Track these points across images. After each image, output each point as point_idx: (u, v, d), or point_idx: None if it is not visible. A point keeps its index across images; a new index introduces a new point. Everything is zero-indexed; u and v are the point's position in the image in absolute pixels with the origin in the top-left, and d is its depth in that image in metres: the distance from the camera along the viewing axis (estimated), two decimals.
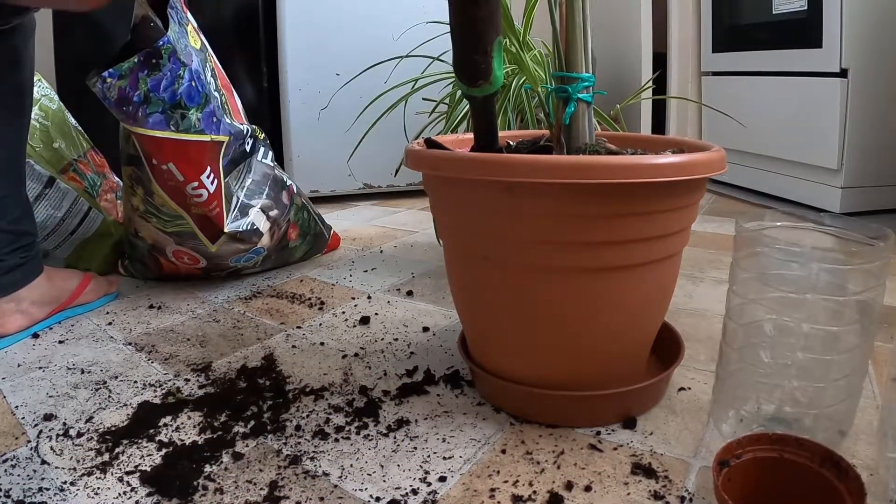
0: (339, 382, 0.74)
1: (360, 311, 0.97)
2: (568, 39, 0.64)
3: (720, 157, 0.57)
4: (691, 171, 0.53)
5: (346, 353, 0.83)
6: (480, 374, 0.68)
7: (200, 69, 0.89)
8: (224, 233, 0.98)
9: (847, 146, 1.42)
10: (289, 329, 0.91)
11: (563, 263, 0.55)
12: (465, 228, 0.61)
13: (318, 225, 1.23)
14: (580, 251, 0.55)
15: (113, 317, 0.97)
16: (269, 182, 1.08)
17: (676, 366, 0.67)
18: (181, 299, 1.04)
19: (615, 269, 0.56)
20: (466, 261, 0.63)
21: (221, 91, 1.01)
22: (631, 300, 0.59)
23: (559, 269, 0.56)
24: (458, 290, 0.68)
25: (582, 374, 0.62)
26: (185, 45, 0.86)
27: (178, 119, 0.86)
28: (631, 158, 0.50)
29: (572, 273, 0.56)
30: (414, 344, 0.85)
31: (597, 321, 0.59)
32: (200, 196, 0.92)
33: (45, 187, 1.09)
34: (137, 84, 0.80)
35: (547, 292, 0.57)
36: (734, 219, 1.58)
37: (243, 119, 1.11)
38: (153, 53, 0.80)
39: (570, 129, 0.65)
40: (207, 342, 0.87)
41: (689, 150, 0.65)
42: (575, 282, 0.56)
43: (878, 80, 1.40)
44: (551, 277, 0.57)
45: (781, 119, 1.61)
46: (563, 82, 0.65)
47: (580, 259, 0.55)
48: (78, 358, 0.82)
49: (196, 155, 0.90)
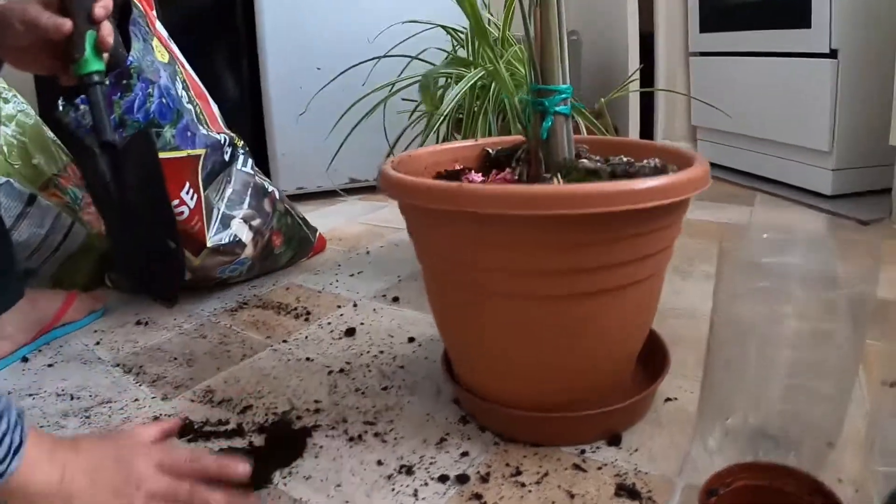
0: (326, 406, 0.74)
1: (346, 321, 0.97)
2: (544, 50, 0.62)
3: (703, 175, 0.56)
4: (672, 194, 0.52)
5: (332, 368, 0.82)
6: (464, 394, 0.67)
7: (170, 84, 0.87)
8: (206, 247, 0.97)
9: (838, 128, 1.40)
10: (275, 343, 0.90)
11: (540, 291, 0.55)
12: (439, 255, 0.60)
13: (303, 229, 1.22)
14: (557, 278, 0.54)
15: (101, 335, 0.96)
16: (249, 191, 1.07)
17: (661, 381, 0.66)
18: (168, 313, 1.03)
19: (595, 294, 0.55)
20: (444, 285, 0.62)
21: (195, 102, 0.99)
22: (612, 322, 0.58)
23: (536, 297, 0.55)
24: (437, 311, 0.67)
25: (565, 394, 0.62)
26: (150, 61, 0.84)
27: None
28: (607, 187, 0.49)
29: (550, 299, 0.55)
30: (400, 356, 0.84)
31: (578, 344, 0.58)
32: (182, 214, 0.91)
33: (26, 206, 1.07)
34: (112, 108, 0.78)
35: (525, 318, 0.57)
36: (725, 204, 1.58)
37: (221, 126, 1.09)
38: (123, 74, 0.78)
39: (548, 143, 0.63)
40: (195, 361, 0.87)
41: (671, 160, 0.64)
42: (553, 308, 0.56)
43: (869, 62, 1.37)
44: (528, 304, 0.56)
45: (771, 100, 1.59)
46: (539, 95, 0.63)
47: (557, 286, 0.54)
48: (67, 383, 0.82)
49: (174, 172, 0.88)
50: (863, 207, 1.39)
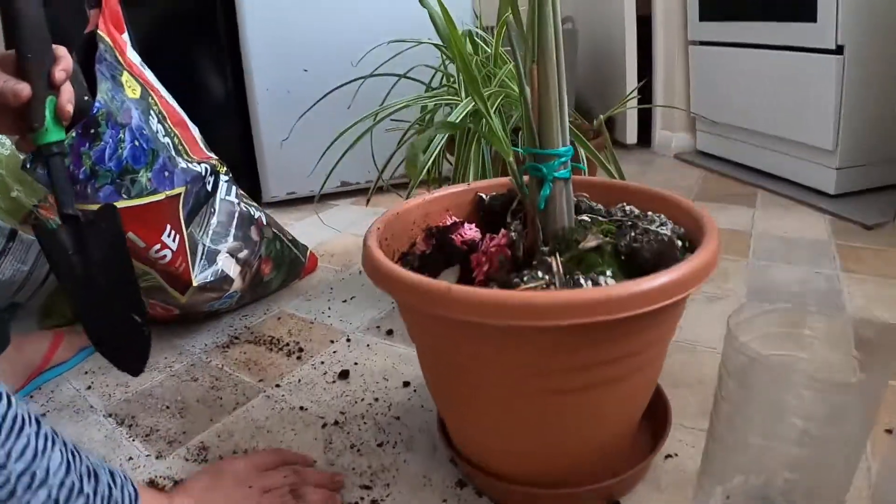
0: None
1: (340, 359, 0.94)
2: (542, 110, 0.58)
3: (712, 258, 0.52)
4: (684, 288, 0.48)
5: (326, 420, 0.80)
6: (462, 463, 0.65)
7: (142, 122, 0.83)
8: (192, 286, 0.94)
9: (843, 127, 1.36)
10: (268, 388, 0.88)
11: (531, 386, 0.52)
12: (427, 342, 0.57)
13: (293, 251, 1.18)
14: (548, 376, 0.51)
15: (91, 378, 0.94)
16: (235, 221, 1.03)
17: (661, 448, 0.64)
18: (158, 350, 1.01)
19: (591, 387, 0.53)
20: (436, 364, 0.60)
21: (172, 132, 0.94)
22: (613, 408, 0.56)
23: (526, 392, 0.53)
24: (430, 381, 0.65)
25: (563, 470, 0.60)
26: (120, 101, 0.79)
27: (128, 185, 0.80)
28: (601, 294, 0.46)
29: (542, 393, 0.53)
30: (395, 405, 0.82)
31: (577, 430, 0.56)
32: (164, 257, 0.87)
33: (7, 241, 1.04)
34: (81, 160, 0.74)
35: (523, 408, 0.54)
36: (726, 205, 1.54)
37: (203, 151, 1.05)
38: (90, 123, 0.74)
39: (547, 211, 0.59)
40: (187, 410, 0.85)
41: (678, 216, 0.61)
42: (552, 400, 0.53)
43: (876, 59, 1.32)
44: (526, 397, 0.53)
45: (774, 95, 1.53)
46: (536, 160, 0.59)
47: (549, 382, 0.52)
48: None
49: (154, 217, 0.84)
50: (867, 209, 1.36)
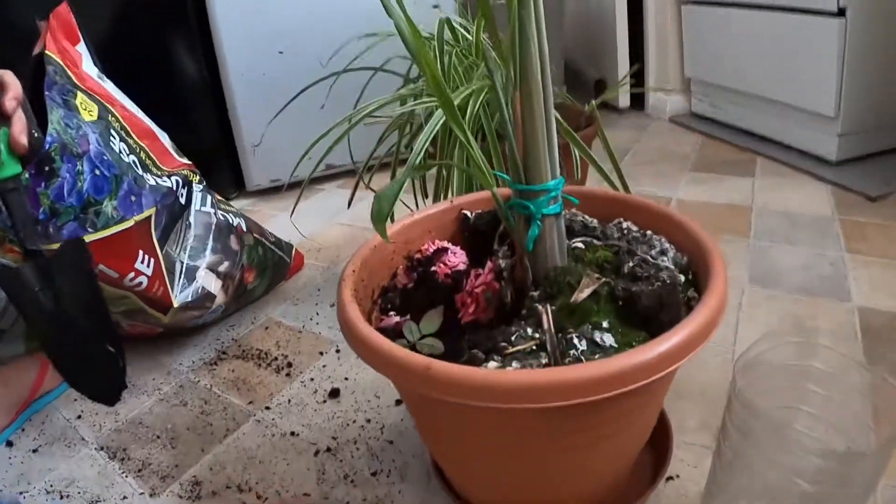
0: (316, 499, 0.70)
1: (329, 374, 0.92)
2: (527, 141, 0.53)
3: (718, 308, 0.48)
4: (686, 352, 0.45)
5: (319, 447, 0.79)
6: (456, 502, 0.64)
7: (102, 147, 0.77)
8: (173, 307, 0.90)
9: (844, 94, 1.30)
10: (258, 412, 0.86)
11: (523, 445, 0.50)
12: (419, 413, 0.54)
13: (276, 253, 1.14)
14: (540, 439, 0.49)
15: (81, 406, 0.91)
16: (212, 232, 0.99)
17: (661, 479, 0.63)
18: (145, 369, 0.98)
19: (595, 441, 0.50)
20: (425, 426, 0.57)
21: (138, 147, 0.88)
22: (612, 456, 0.54)
23: (531, 449, 0.50)
24: (422, 436, 0.62)
25: None
26: (76, 128, 0.74)
27: (92, 218, 0.75)
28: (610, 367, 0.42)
29: (546, 450, 0.50)
30: (388, 427, 0.81)
31: (576, 479, 0.54)
32: (140, 284, 0.83)
33: None
34: (38, 200, 0.69)
35: (520, 462, 0.52)
36: (723, 175, 1.48)
37: (175, 158, 0.99)
38: (43, 160, 0.69)
39: (536, 252, 0.55)
40: (177, 439, 0.83)
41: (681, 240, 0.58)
42: (550, 455, 0.51)
43: (879, 22, 1.25)
44: (523, 455, 0.51)
45: (773, 58, 1.46)
46: (522, 196, 0.55)
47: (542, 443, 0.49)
48: (54, 474, 0.79)
49: (124, 246, 0.80)
50: (870, 177, 1.31)
